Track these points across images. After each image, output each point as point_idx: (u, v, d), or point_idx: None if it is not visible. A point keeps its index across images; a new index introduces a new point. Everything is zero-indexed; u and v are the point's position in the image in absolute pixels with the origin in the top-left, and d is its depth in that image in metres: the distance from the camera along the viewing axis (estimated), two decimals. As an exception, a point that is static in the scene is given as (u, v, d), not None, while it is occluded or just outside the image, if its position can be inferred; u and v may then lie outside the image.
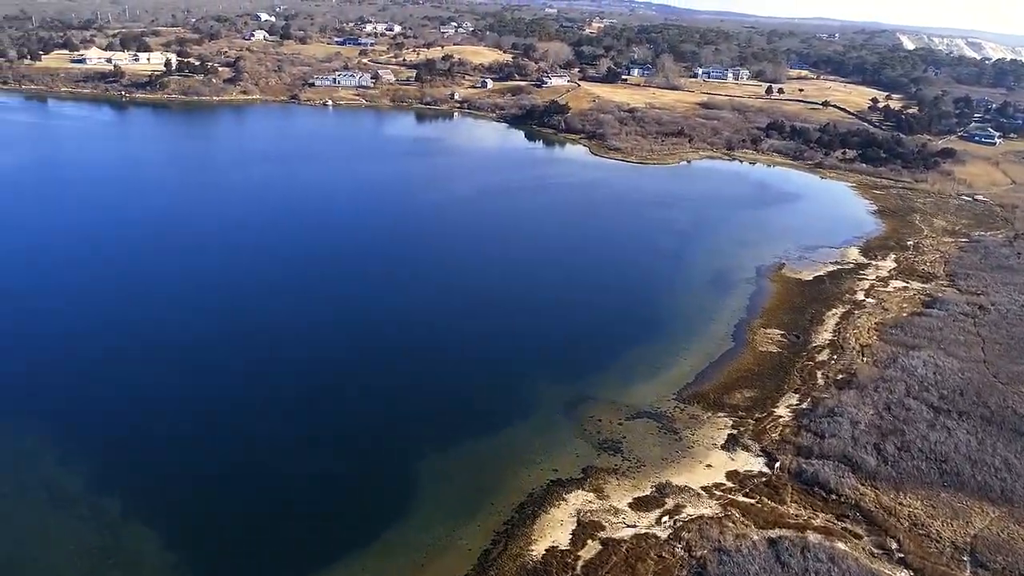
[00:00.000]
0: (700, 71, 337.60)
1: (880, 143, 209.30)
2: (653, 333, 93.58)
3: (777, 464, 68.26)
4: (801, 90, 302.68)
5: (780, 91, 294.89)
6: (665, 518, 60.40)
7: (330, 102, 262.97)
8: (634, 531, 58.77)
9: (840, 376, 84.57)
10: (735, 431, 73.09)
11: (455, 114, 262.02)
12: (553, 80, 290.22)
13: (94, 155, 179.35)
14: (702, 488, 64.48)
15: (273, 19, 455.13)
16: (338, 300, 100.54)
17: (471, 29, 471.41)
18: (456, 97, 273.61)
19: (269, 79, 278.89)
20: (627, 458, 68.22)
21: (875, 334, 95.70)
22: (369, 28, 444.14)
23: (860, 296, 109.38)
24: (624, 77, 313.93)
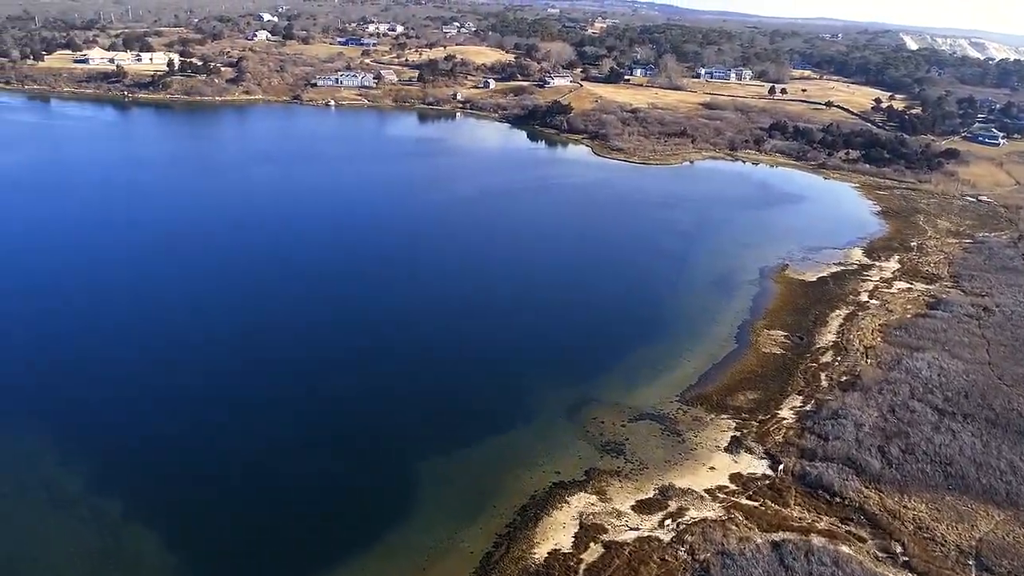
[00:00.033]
0: (703, 71, 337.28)
1: (883, 144, 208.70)
2: (656, 334, 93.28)
3: (780, 466, 67.91)
4: (804, 90, 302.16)
5: (783, 91, 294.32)
6: (668, 521, 60.10)
7: (332, 102, 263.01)
8: (637, 534, 58.47)
9: (844, 378, 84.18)
10: (738, 433, 72.75)
11: (457, 114, 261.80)
12: (555, 80, 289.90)
13: (96, 155, 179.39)
14: (705, 491, 64.16)
15: (276, 19, 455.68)
16: (339, 300, 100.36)
17: (473, 29, 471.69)
18: (458, 97, 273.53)
19: (272, 79, 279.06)
20: (630, 460, 67.93)
21: (879, 336, 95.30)
22: (372, 28, 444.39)
23: (864, 297, 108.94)
24: (627, 77, 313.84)
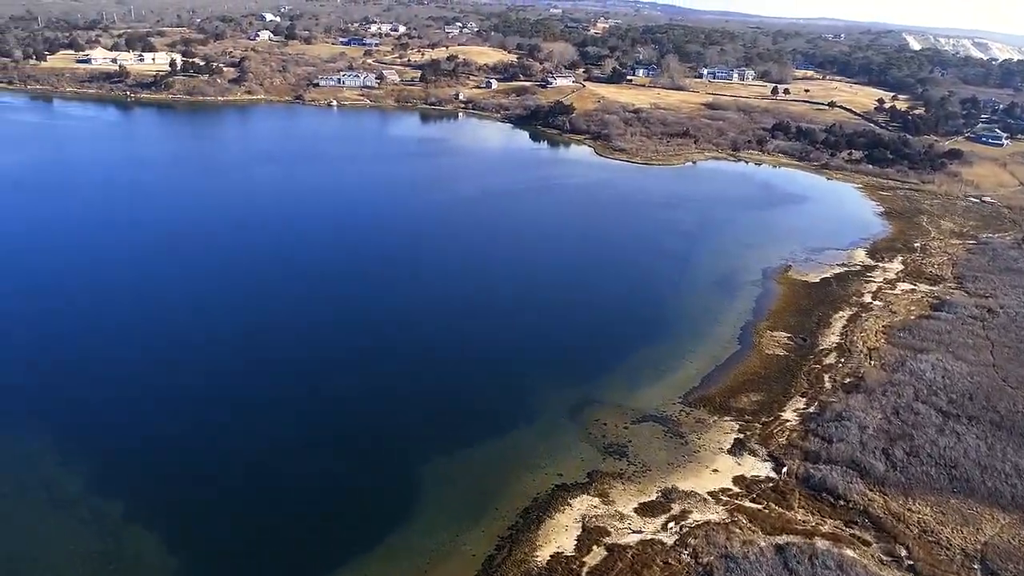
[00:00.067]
0: (705, 71, 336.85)
1: (886, 144, 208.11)
2: (658, 335, 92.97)
3: (784, 469, 67.57)
4: (807, 90, 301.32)
5: (786, 92, 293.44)
6: (671, 524, 59.83)
7: (335, 102, 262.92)
8: (640, 537, 58.19)
9: (848, 380, 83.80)
10: (742, 435, 72.42)
11: (459, 114, 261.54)
12: (558, 80, 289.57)
13: (99, 155, 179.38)
14: (708, 493, 63.87)
15: (278, 19, 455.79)
16: (341, 300, 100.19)
17: (476, 29, 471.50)
18: (461, 97, 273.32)
19: (274, 79, 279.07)
20: (632, 463, 67.64)
21: (883, 337, 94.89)
22: (374, 28, 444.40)
23: (867, 299, 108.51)
24: (629, 77, 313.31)
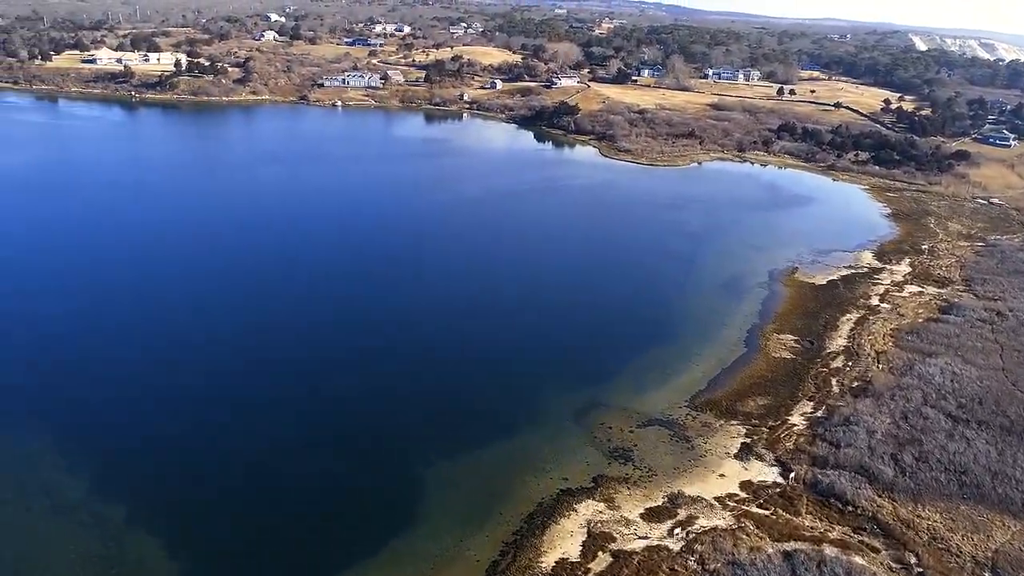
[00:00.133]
0: (710, 72, 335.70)
1: (893, 145, 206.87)
2: (664, 338, 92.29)
3: (792, 474, 66.84)
4: (813, 91, 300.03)
5: (791, 92, 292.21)
6: (677, 530, 59.15)
7: (339, 103, 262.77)
8: (646, 543, 57.51)
9: (855, 384, 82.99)
10: (748, 440, 71.69)
11: (464, 115, 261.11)
12: (563, 81, 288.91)
13: (103, 155, 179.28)
14: (715, 499, 63.18)
15: (283, 20, 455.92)
16: (344, 300, 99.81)
17: (480, 30, 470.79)
18: (465, 98, 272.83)
19: (278, 79, 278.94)
20: (638, 467, 66.98)
21: (891, 340, 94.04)
22: (378, 29, 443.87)
23: (875, 301, 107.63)
24: (634, 78, 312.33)
